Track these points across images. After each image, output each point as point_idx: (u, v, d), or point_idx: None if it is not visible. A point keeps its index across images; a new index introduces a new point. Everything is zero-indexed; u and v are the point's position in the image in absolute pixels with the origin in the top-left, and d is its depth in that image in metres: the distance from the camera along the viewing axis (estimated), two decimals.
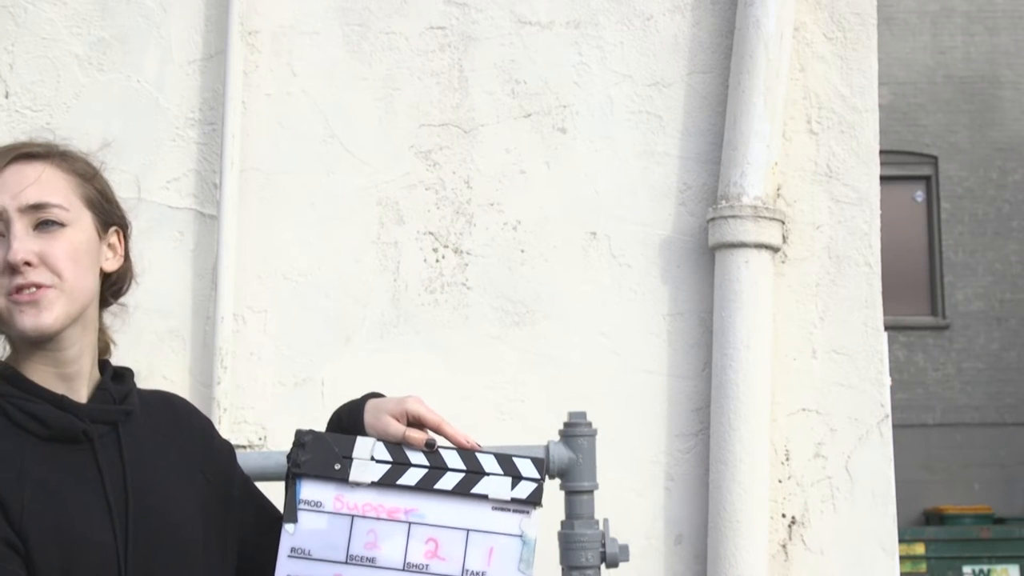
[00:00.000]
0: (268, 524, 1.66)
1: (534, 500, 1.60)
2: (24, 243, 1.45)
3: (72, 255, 1.49)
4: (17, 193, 1.47)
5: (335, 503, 1.57)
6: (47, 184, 1.50)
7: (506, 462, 1.62)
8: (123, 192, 1.79)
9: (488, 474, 1.60)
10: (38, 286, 1.46)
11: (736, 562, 2.63)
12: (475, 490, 1.59)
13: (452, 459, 1.61)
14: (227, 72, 2.88)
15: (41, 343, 1.49)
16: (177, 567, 1.50)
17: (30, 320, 1.45)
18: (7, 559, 1.35)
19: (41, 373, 1.48)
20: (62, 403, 1.46)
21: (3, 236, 1.46)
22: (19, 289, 1.44)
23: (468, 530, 1.58)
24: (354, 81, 2.95)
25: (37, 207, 1.48)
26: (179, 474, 1.57)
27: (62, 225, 1.49)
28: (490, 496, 1.59)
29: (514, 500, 1.60)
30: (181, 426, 1.63)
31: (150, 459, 1.53)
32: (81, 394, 1.51)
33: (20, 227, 1.46)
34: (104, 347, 1.62)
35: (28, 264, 1.45)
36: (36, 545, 1.37)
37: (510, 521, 1.59)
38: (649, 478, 2.80)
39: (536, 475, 1.61)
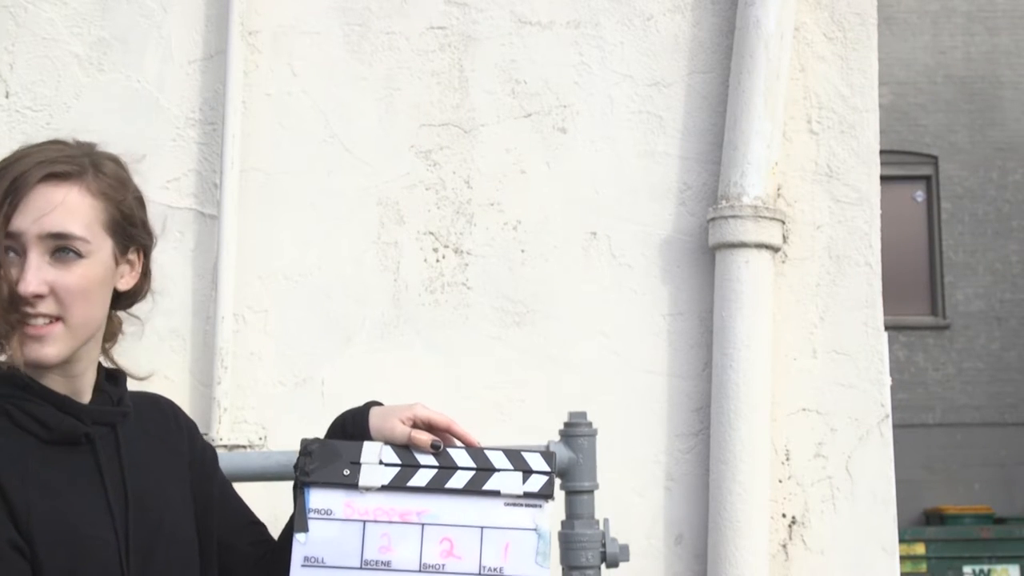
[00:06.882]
0: (242, 526, 1.67)
1: (546, 493, 1.60)
2: (37, 274, 1.39)
3: (84, 290, 1.43)
4: (38, 218, 1.39)
5: (345, 509, 1.56)
6: (71, 211, 1.42)
7: (515, 457, 1.62)
8: None
9: (498, 470, 1.60)
10: (47, 317, 1.40)
11: (736, 562, 2.63)
12: (486, 487, 1.59)
13: (461, 458, 1.60)
14: (227, 72, 2.88)
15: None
16: (174, 566, 1.51)
17: (32, 353, 1.40)
18: (11, 562, 1.34)
19: (47, 375, 1.47)
20: (64, 405, 1.45)
21: (18, 256, 1.39)
22: (27, 320, 1.39)
23: (482, 527, 1.58)
24: (354, 81, 2.95)
25: (57, 236, 1.40)
26: (171, 475, 1.58)
27: (80, 256, 1.42)
28: (502, 492, 1.59)
29: (526, 494, 1.59)
30: (169, 426, 1.63)
31: (145, 460, 1.54)
32: (84, 396, 1.50)
33: (35, 255, 1.39)
34: (111, 335, 1.59)
35: (38, 296, 1.39)
36: (43, 546, 1.36)
37: (523, 516, 1.59)
38: (649, 478, 2.80)
39: (546, 468, 1.61)
